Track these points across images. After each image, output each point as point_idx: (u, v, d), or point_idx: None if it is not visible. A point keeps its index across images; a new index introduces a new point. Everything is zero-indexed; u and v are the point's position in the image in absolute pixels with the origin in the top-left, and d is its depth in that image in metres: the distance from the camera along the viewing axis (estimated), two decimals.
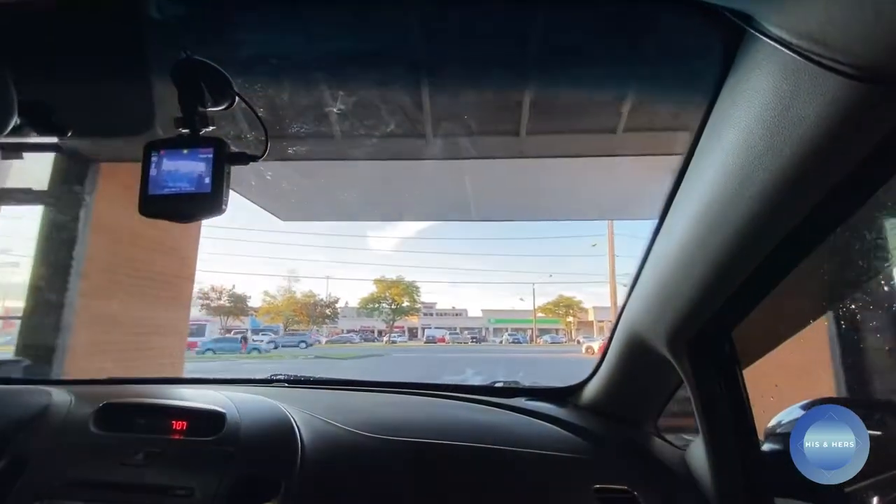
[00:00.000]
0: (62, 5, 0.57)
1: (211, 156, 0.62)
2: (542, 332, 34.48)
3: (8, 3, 0.54)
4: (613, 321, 1.06)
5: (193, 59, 0.63)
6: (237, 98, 0.66)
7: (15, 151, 0.68)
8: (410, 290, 34.91)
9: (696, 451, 0.89)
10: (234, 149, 0.64)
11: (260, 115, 0.69)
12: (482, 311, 46.07)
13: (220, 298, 32.47)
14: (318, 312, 33.33)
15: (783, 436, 0.72)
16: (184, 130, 0.64)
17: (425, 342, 32.47)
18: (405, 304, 34.83)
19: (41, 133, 0.66)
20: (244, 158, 0.65)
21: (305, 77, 0.97)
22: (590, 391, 1.23)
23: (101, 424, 1.07)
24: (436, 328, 37.09)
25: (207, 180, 0.61)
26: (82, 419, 1.07)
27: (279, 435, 1.00)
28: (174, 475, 0.95)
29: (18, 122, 0.59)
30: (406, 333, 39.18)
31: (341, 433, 1.02)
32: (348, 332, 36.01)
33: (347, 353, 17.88)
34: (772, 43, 0.44)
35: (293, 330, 30.57)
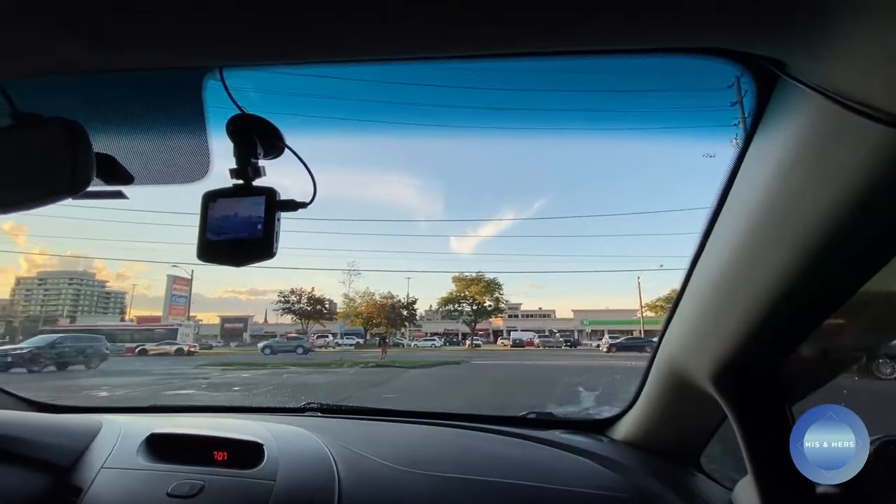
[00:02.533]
0: (134, 72, 0.59)
1: (262, 204, 0.65)
2: (649, 333, 28.99)
3: (87, 70, 0.57)
4: (652, 350, 1.03)
5: (247, 115, 0.67)
6: (286, 149, 0.70)
7: (85, 198, 0.67)
8: (492, 287, 31.42)
9: (744, 492, 0.82)
10: (282, 197, 0.68)
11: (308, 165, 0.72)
12: (573, 311, 41.74)
13: (299, 301, 32.40)
14: (397, 314, 31.56)
15: None
16: (238, 181, 0.68)
17: (512, 346, 28.94)
18: (487, 303, 31.39)
19: (109, 182, 0.70)
20: (293, 206, 0.68)
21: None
22: (628, 424, 1.17)
23: (149, 455, 1.10)
24: (522, 331, 33.55)
25: (259, 227, 0.65)
26: (131, 449, 1.11)
27: (317, 468, 1.01)
28: None
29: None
30: (490, 336, 36.35)
31: (378, 467, 1.02)
32: (432, 335, 34.40)
33: (416, 360, 14.96)
34: (806, 89, 0.45)
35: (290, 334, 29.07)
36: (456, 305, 32.14)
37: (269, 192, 0.66)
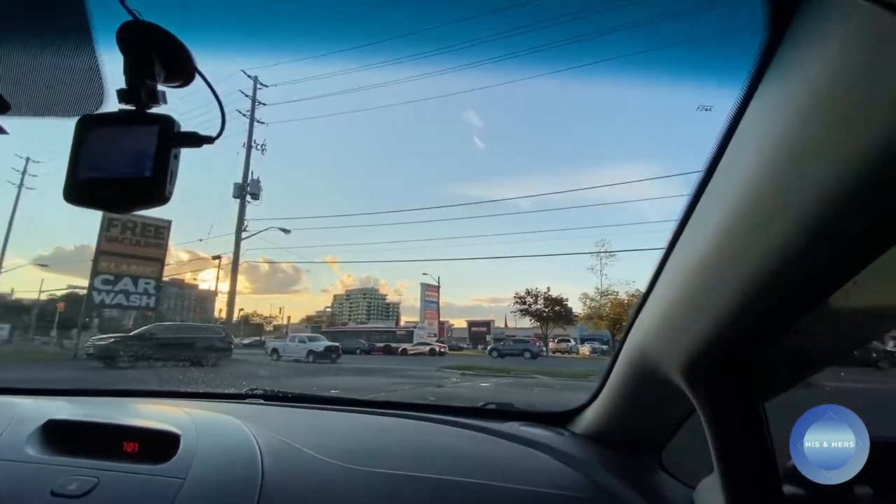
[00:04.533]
0: None
1: (155, 136, 0.53)
2: None
3: None
4: (619, 340, 0.96)
5: (144, 23, 0.53)
6: (196, 74, 0.57)
7: None
8: None
9: (708, 492, 0.77)
10: (183, 128, 0.56)
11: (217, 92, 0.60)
12: None
13: (535, 302, 30.40)
14: None
15: (808, 479, 0.63)
16: (128, 106, 0.55)
17: None
18: None
19: None
20: (195, 140, 0.55)
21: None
22: (590, 417, 1.13)
23: (42, 444, 0.95)
24: None
25: (149, 163, 0.52)
26: (20, 437, 0.96)
27: (238, 463, 0.89)
28: None
29: None
30: None
31: (311, 462, 0.91)
32: None
33: None
34: None
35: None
36: None
37: (165, 121, 0.54)
